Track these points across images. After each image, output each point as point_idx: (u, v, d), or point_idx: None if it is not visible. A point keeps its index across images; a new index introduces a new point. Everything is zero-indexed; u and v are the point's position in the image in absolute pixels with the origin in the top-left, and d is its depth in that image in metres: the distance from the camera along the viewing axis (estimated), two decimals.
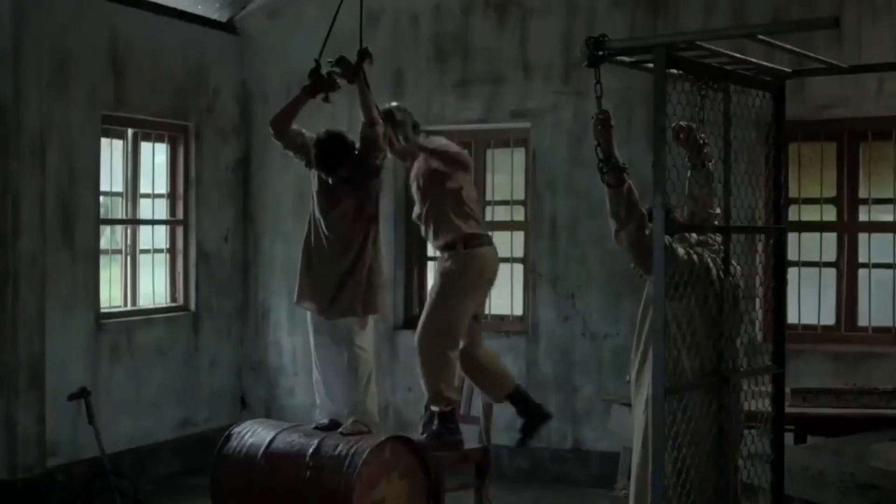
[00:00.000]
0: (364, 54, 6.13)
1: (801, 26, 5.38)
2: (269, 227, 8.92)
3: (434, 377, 6.16)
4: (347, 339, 6.18)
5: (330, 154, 6.10)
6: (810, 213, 7.57)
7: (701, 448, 4.38)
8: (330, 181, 6.20)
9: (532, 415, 6.36)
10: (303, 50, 6.50)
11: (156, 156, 8.47)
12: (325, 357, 6.31)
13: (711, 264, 4.59)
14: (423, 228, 6.40)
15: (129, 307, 8.18)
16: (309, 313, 6.36)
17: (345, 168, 6.13)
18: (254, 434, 6.23)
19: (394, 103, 6.42)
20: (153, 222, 8.46)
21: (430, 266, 8.76)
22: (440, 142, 6.41)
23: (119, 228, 8.24)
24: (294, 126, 6.27)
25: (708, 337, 4.46)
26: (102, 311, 7.79)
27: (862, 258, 7.47)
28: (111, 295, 8.05)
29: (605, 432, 7.51)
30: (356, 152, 6.14)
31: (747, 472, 4.62)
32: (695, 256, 4.59)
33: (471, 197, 6.36)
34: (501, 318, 8.34)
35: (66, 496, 7.22)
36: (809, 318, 7.46)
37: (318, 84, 6.19)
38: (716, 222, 4.72)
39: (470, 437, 6.59)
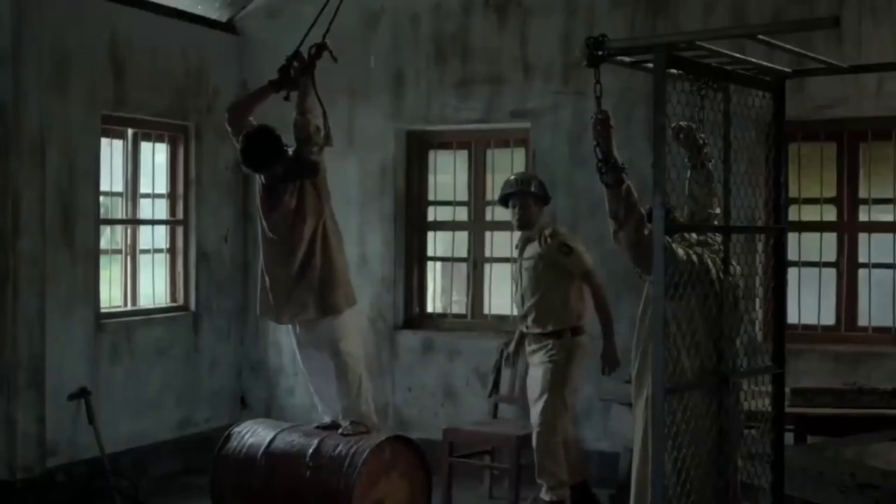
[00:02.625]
0: (320, 48, 6.04)
1: (801, 26, 5.39)
2: None
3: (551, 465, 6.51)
4: (332, 348, 6.11)
5: (256, 148, 5.87)
6: (810, 213, 7.57)
7: (701, 448, 4.38)
8: (263, 179, 6.03)
9: None
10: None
11: (156, 156, 8.47)
12: (313, 367, 6.27)
13: (711, 264, 4.59)
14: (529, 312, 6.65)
15: (129, 307, 8.18)
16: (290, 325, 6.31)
17: (278, 165, 5.91)
18: (254, 434, 6.24)
19: None
20: (153, 222, 8.46)
21: (430, 266, 8.77)
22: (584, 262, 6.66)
23: (119, 228, 8.24)
24: (251, 118, 6.13)
25: (708, 337, 4.45)
26: (102, 311, 7.79)
27: (862, 258, 7.47)
28: (111, 295, 8.05)
29: (605, 432, 7.51)
30: (289, 149, 5.94)
31: (747, 472, 4.62)
32: (694, 256, 4.59)
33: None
34: (501, 318, 8.34)
35: (66, 496, 7.22)
36: (809, 318, 7.45)
37: (284, 80, 6.11)
38: (716, 222, 4.72)
39: None
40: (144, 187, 8.35)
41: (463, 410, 8.11)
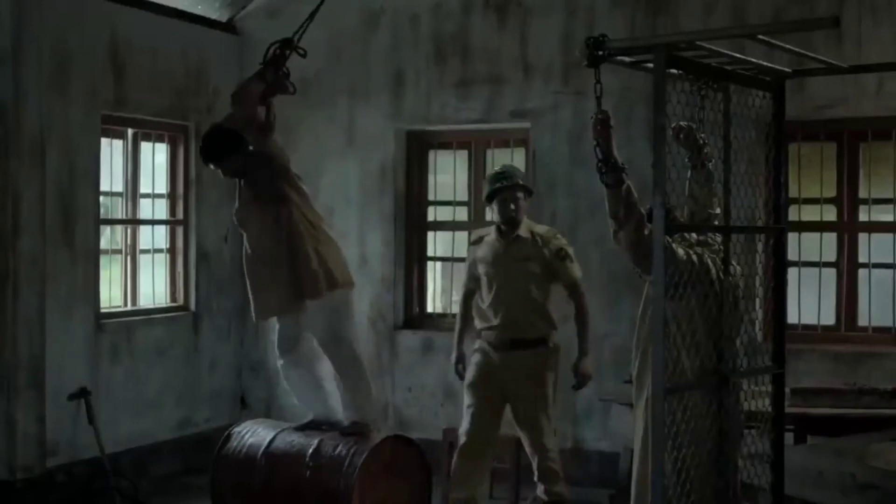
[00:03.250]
0: (285, 45, 6.09)
1: (801, 26, 5.39)
2: None
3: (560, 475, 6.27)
4: (328, 337, 6.10)
5: (210, 141, 5.99)
6: (810, 213, 7.57)
7: (701, 448, 4.38)
8: (220, 173, 6.13)
9: None
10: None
11: (156, 156, 8.47)
12: (300, 385, 6.28)
13: (711, 264, 4.59)
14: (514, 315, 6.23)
15: (129, 307, 8.18)
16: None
17: (228, 160, 5.96)
18: (254, 434, 6.23)
19: None
20: (153, 222, 8.46)
21: (430, 266, 8.76)
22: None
23: (119, 228, 8.25)
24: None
25: (708, 337, 4.45)
26: (102, 311, 7.79)
27: (862, 258, 7.47)
28: (111, 295, 8.05)
29: (605, 432, 7.50)
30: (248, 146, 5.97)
31: (747, 472, 4.62)
32: (694, 256, 4.59)
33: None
34: None
35: (66, 496, 7.22)
36: (809, 318, 7.45)
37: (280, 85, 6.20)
38: (716, 222, 4.72)
39: None
40: (144, 187, 8.35)
41: (463, 410, 8.09)
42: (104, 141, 7.84)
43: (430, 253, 8.73)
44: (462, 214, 8.59)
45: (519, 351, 6.21)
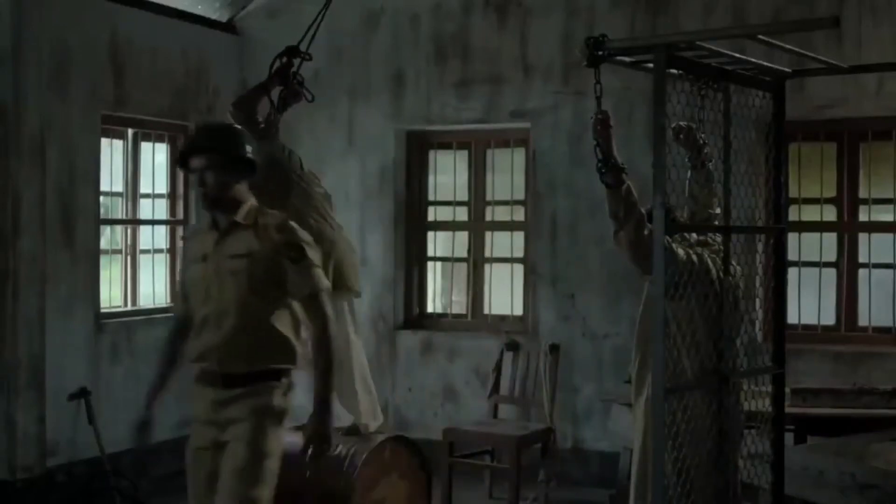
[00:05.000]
0: (291, 53, 6.20)
1: (801, 26, 5.39)
2: None
3: None
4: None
5: None
6: (810, 213, 7.57)
7: (701, 448, 4.38)
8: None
9: None
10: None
11: (156, 156, 8.47)
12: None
13: (711, 264, 4.60)
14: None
15: (129, 307, 8.18)
16: None
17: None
18: None
19: None
20: (153, 222, 8.46)
21: (430, 266, 8.76)
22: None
23: (119, 228, 8.24)
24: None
25: (708, 337, 4.46)
26: (102, 311, 7.78)
27: (862, 258, 7.47)
28: (111, 295, 8.05)
29: (605, 432, 7.51)
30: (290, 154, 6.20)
31: (747, 472, 4.62)
32: (694, 257, 4.60)
33: None
34: (502, 317, 8.35)
35: (66, 496, 7.22)
36: (809, 318, 7.45)
37: (288, 91, 6.33)
38: (716, 222, 4.73)
39: None
40: (144, 187, 8.35)
41: (463, 410, 8.11)
42: (104, 141, 7.84)
43: (430, 253, 8.73)
44: (462, 214, 8.59)
45: (235, 390, 4.37)
